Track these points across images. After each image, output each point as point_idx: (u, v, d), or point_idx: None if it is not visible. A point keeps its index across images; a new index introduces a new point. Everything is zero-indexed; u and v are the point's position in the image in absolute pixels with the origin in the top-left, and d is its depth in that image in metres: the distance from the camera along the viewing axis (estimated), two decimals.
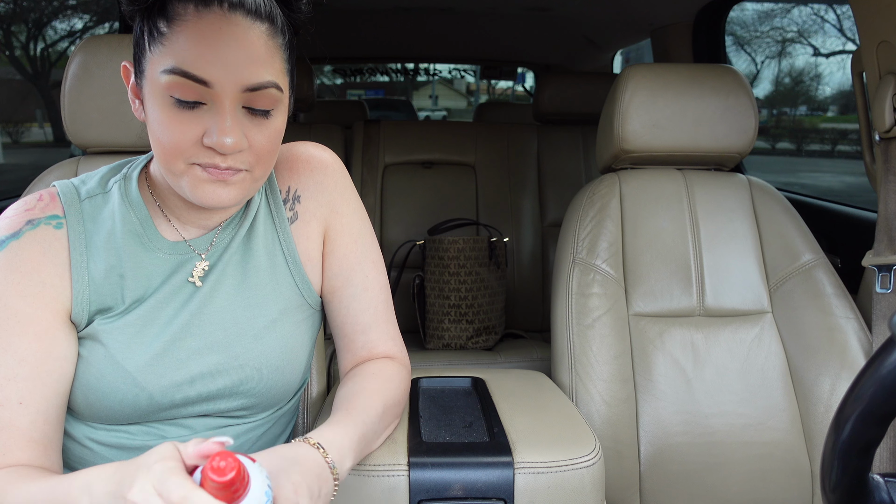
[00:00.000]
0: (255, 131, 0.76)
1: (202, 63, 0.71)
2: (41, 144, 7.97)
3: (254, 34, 0.73)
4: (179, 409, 0.83)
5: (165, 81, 0.72)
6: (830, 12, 9.00)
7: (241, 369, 0.84)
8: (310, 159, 0.93)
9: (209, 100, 0.73)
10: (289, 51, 0.79)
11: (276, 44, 0.76)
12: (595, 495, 0.84)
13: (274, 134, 0.78)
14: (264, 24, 0.74)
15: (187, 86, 0.71)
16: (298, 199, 0.91)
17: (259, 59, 0.74)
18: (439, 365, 1.76)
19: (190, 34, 0.71)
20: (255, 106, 0.75)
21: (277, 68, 0.76)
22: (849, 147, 9.32)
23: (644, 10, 2.18)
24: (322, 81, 7.59)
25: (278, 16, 0.76)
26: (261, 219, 0.89)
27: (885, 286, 1.21)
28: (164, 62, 0.72)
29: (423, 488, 0.80)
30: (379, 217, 2.19)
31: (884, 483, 0.60)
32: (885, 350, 0.54)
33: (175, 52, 0.72)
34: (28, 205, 0.82)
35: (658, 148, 1.36)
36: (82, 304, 0.80)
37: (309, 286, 0.90)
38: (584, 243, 1.31)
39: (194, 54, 0.71)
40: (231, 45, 0.72)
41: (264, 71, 0.74)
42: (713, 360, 1.26)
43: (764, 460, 1.21)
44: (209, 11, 0.72)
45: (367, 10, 2.43)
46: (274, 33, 0.75)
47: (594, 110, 2.16)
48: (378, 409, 0.83)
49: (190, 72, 0.71)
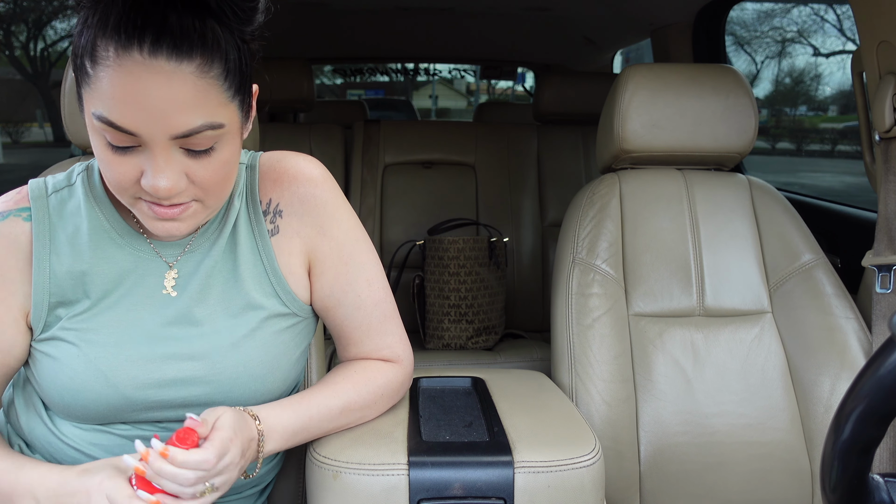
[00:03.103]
0: (196, 168, 0.72)
1: (125, 114, 0.67)
2: (41, 144, 7.97)
3: (178, 79, 0.67)
4: (158, 411, 0.82)
5: (97, 124, 0.69)
6: (830, 12, 9.01)
7: (218, 377, 0.83)
8: (297, 175, 0.88)
9: (142, 143, 0.69)
10: (235, 75, 0.72)
11: (211, 78, 0.69)
12: (595, 495, 0.84)
13: (220, 166, 0.74)
14: (194, 61, 0.68)
15: (115, 133, 0.68)
16: (280, 214, 0.88)
17: (186, 105, 0.68)
18: (439, 365, 1.76)
19: (112, 81, 0.67)
20: (192, 147, 0.71)
21: (213, 105, 0.70)
22: (849, 147, 9.32)
23: (644, 10, 2.18)
24: (322, 81, 7.59)
25: (215, 40, 0.69)
26: (242, 228, 0.87)
27: (885, 286, 1.21)
28: (93, 105, 0.69)
29: (422, 487, 0.80)
30: (379, 217, 2.19)
31: (884, 483, 0.60)
32: (885, 350, 0.54)
33: (100, 97, 0.68)
34: (5, 199, 0.84)
35: (658, 148, 1.36)
36: (42, 295, 0.81)
37: (292, 297, 0.88)
38: (584, 243, 1.31)
39: (117, 104, 0.67)
40: (153, 94, 0.66)
41: (194, 116, 0.69)
42: (713, 360, 1.26)
43: (764, 460, 1.21)
44: (129, 57, 0.66)
45: (367, 10, 2.43)
46: (208, 65, 0.69)
47: (594, 110, 2.15)
48: (334, 409, 0.86)
49: (114, 122, 0.68)
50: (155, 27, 0.66)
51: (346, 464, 0.81)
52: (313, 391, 0.87)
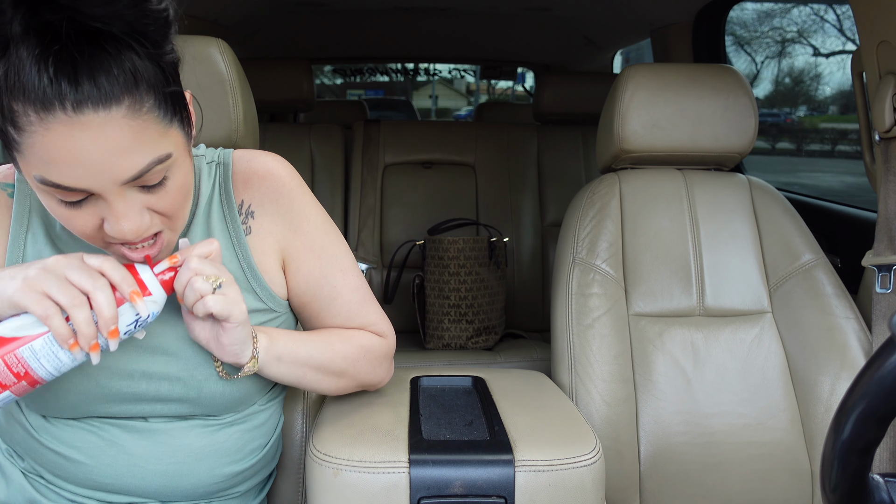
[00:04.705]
0: (154, 200, 0.70)
1: (67, 174, 0.63)
2: None
3: (112, 127, 0.63)
4: (131, 404, 0.82)
5: (41, 186, 0.66)
6: (830, 12, 9.01)
7: (193, 374, 0.82)
8: (266, 175, 0.88)
9: (94, 192, 0.66)
10: (166, 99, 0.68)
11: (145, 114, 0.65)
12: (595, 494, 0.84)
13: (177, 191, 0.72)
14: (123, 104, 0.63)
15: (63, 192, 0.65)
16: (252, 215, 0.88)
17: (127, 150, 0.64)
18: (439, 365, 1.76)
19: (42, 147, 0.62)
20: (146, 184, 0.68)
21: (154, 140, 0.66)
22: (849, 147, 9.33)
23: (644, 10, 2.18)
24: (322, 81, 7.58)
25: (137, 73, 0.64)
26: (216, 226, 0.86)
27: (885, 286, 1.21)
28: (31, 169, 0.64)
29: (423, 485, 0.80)
30: (379, 217, 2.19)
31: (884, 483, 0.60)
32: (885, 350, 0.54)
33: (35, 163, 0.63)
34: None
35: (658, 148, 1.36)
36: None
37: (270, 293, 0.88)
38: (584, 243, 1.31)
39: (56, 166, 0.63)
40: (89, 148, 0.62)
41: (139, 157, 0.65)
42: (713, 360, 1.26)
43: (764, 460, 1.21)
44: (53, 118, 0.61)
45: (367, 10, 2.43)
46: (138, 104, 0.64)
47: (594, 110, 2.15)
48: (320, 345, 0.88)
49: (58, 183, 0.64)
50: (70, 79, 0.60)
51: (346, 461, 0.82)
52: (298, 332, 0.89)
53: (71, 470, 0.83)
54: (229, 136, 1.12)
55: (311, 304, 0.92)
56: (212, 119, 1.09)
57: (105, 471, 0.83)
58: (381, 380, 1.00)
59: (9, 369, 0.68)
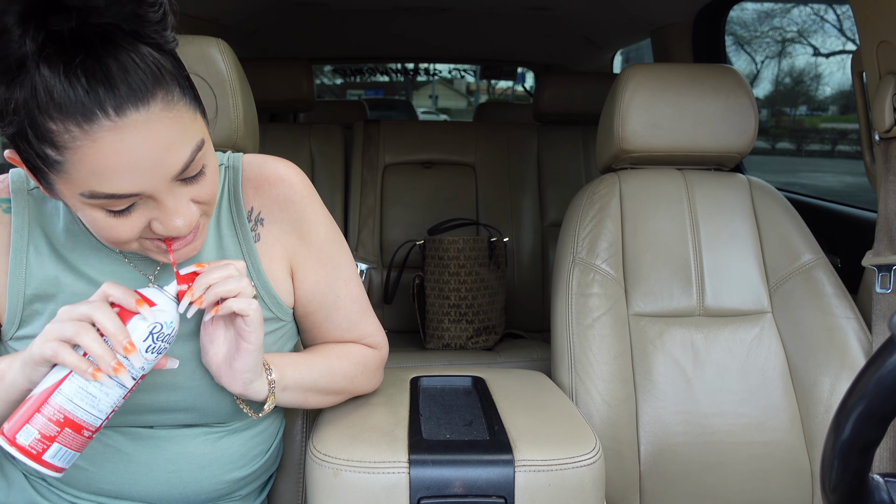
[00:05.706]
0: (197, 190, 0.71)
1: (121, 181, 0.63)
2: None
3: (154, 124, 0.63)
4: (136, 415, 0.81)
5: (88, 202, 0.65)
6: (830, 12, 9.01)
7: (198, 383, 0.82)
8: (278, 182, 0.87)
9: (143, 196, 0.66)
10: (186, 85, 0.68)
11: (177, 103, 0.65)
12: (595, 494, 0.84)
13: (213, 176, 0.73)
14: (157, 98, 0.63)
15: (113, 201, 0.65)
16: (261, 222, 0.87)
17: (172, 143, 0.65)
18: (439, 365, 1.76)
19: (91, 159, 0.61)
20: (189, 175, 0.69)
21: (189, 127, 0.67)
22: (849, 147, 9.32)
23: (644, 10, 2.18)
24: (322, 81, 7.58)
25: (158, 65, 0.64)
26: (226, 232, 0.86)
27: (885, 286, 1.21)
28: (76, 187, 0.64)
29: (423, 485, 0.80)
30: (379, 217, 2.19)
31: (884, 483, 0.60)
32: (885, 350, 0.54)
33: (83, 179, 0.63)
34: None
35: (658, 148, 1.36)
36: (17, 286, 0.79)
37: (277, 301, 0.87)
38: (584, 243, 1.31)
39: (107, 176, 0.62)
40: (139, 149, 0.62)
41: (182, 148, 0.66)
42: (713, 360, 1.26)
43: (764, 460, 1.21)
44: (99, 128, 0.60)
45: (367, 10, 2.43)
46: (169, 94, 0.64)
47: (594, 110, 2.15)
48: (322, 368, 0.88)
49: (112, 193, 0.63)
50: (104, 85, 0.60)
51: (346, 461, 0.82)
52: (301, 355, 0.89)
53: (73, 475, 0.83)
54: (229, 136, 1.12)
55: (315, 314, 0.92)
56: (212, 119, 1.09)
57: (107, 477, 0.83)
58: (374, 388, 1.01)
59: (48, 420, 0.67)
